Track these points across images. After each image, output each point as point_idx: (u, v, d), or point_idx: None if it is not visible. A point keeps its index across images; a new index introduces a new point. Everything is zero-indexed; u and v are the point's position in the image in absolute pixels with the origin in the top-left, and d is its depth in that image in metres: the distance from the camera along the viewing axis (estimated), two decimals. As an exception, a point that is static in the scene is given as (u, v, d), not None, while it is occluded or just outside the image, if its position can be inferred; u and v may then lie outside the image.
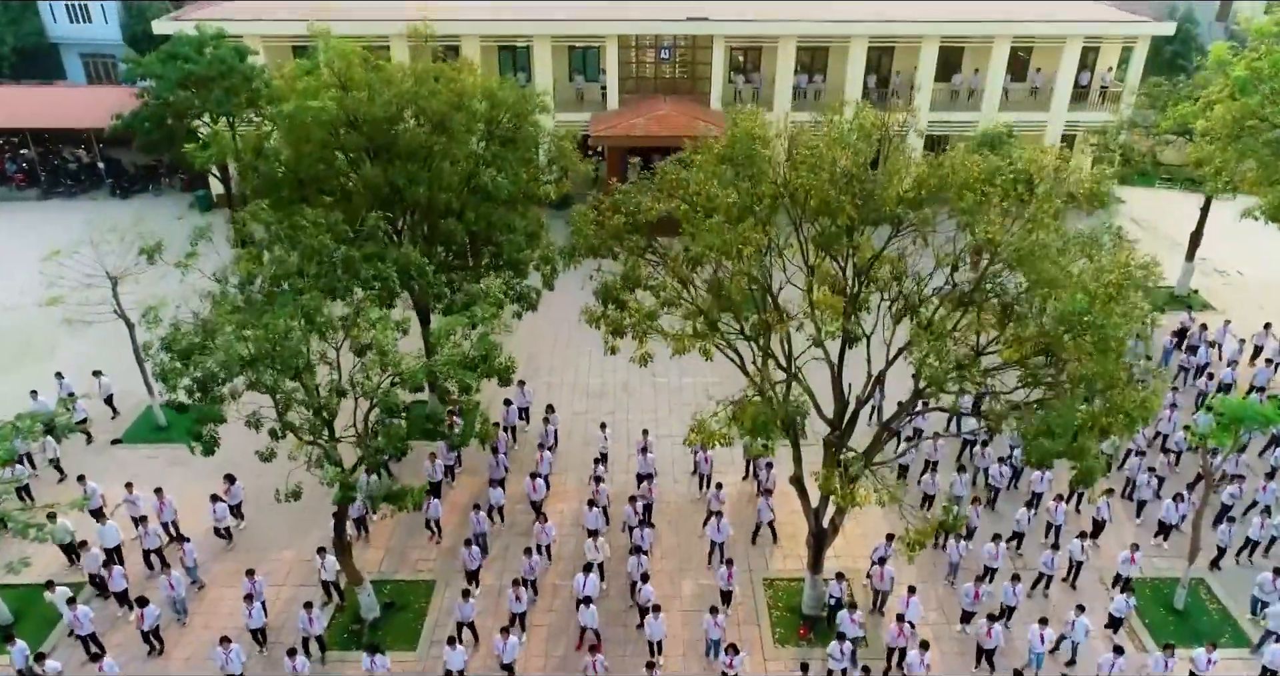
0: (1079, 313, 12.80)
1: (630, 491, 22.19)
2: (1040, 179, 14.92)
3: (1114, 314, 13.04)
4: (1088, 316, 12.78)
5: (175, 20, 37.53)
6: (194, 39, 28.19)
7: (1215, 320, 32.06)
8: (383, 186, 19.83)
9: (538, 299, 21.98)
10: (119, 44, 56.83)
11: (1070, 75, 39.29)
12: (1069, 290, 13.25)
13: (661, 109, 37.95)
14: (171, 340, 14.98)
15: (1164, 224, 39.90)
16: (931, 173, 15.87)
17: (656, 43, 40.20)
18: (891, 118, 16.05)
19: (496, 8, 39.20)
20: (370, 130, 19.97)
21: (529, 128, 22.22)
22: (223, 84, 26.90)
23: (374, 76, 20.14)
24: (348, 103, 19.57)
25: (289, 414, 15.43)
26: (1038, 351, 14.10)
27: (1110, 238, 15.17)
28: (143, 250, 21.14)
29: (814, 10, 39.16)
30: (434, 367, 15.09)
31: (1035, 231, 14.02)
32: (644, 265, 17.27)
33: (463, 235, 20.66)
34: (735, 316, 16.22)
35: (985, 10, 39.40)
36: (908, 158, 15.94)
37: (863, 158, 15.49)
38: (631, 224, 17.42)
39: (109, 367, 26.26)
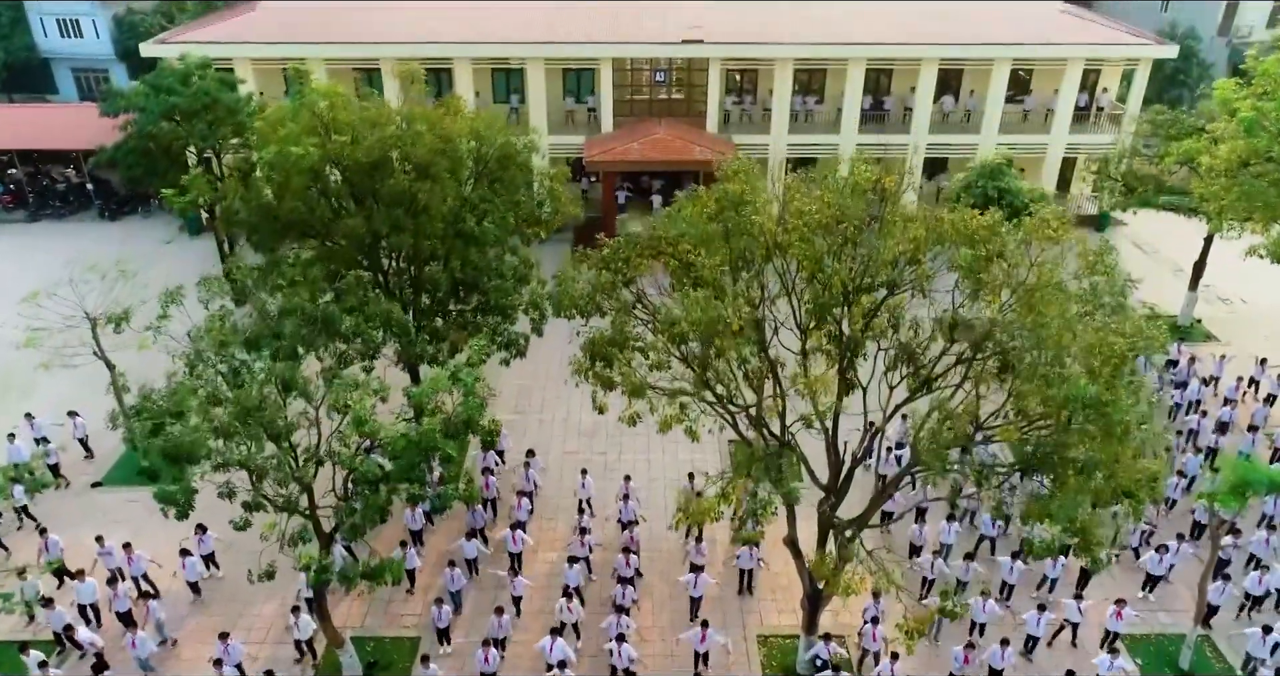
0: (1083, 399, 12.22)
1: (616, 540, 21.63)
2: (1041, 246, 14.31)
3: (1120, 395, 12.47)
4: (1094, 403, 12.20)
5: (163, 43, 37.08)
6: (179, 70, 27.63)
7: (1219, 352, 31.59)
8: (365, 235, 19.29)
9: (526, 345, 21.43)
10: (111, 58, 56.44)
11: (1072, 98, 38.76)
12: (1071, 372, 12.65)
13: (657, 132, 37.42)
14: (141, 408, 14.43)
15: (1166, 247, 39.43)
16: (930, 233, 15.31)
17: (652, 65, 39.66)
18: (889, 179, 15.45)
19: (490, 30, 38.70)
20: (353, 175, 19.44)
21: (517, 169, 21.67)
22: (206, 117, 26.35)
23: (358, 118, 19.58)
24: (330, 147, 19.02)
25: (263, 483, 14.87)
26: (1037, 422, 13.55)
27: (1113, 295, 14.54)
28: (111, 319, 20.67)
29: (812, 32, 38.65)
30: (413, 438, 14.53)
31: (1035, 309, 13.39)
32: (632, 323, 16.69)
33: (448, 282, 20.12)
34: (724, 394, 15.65)
35: (985, 32, 38.85)
36: (904, 218, 15.33)
37: (857, 220, 14.92)
38: (621, 279, 16.86)
39: (90, 406, 25.69)
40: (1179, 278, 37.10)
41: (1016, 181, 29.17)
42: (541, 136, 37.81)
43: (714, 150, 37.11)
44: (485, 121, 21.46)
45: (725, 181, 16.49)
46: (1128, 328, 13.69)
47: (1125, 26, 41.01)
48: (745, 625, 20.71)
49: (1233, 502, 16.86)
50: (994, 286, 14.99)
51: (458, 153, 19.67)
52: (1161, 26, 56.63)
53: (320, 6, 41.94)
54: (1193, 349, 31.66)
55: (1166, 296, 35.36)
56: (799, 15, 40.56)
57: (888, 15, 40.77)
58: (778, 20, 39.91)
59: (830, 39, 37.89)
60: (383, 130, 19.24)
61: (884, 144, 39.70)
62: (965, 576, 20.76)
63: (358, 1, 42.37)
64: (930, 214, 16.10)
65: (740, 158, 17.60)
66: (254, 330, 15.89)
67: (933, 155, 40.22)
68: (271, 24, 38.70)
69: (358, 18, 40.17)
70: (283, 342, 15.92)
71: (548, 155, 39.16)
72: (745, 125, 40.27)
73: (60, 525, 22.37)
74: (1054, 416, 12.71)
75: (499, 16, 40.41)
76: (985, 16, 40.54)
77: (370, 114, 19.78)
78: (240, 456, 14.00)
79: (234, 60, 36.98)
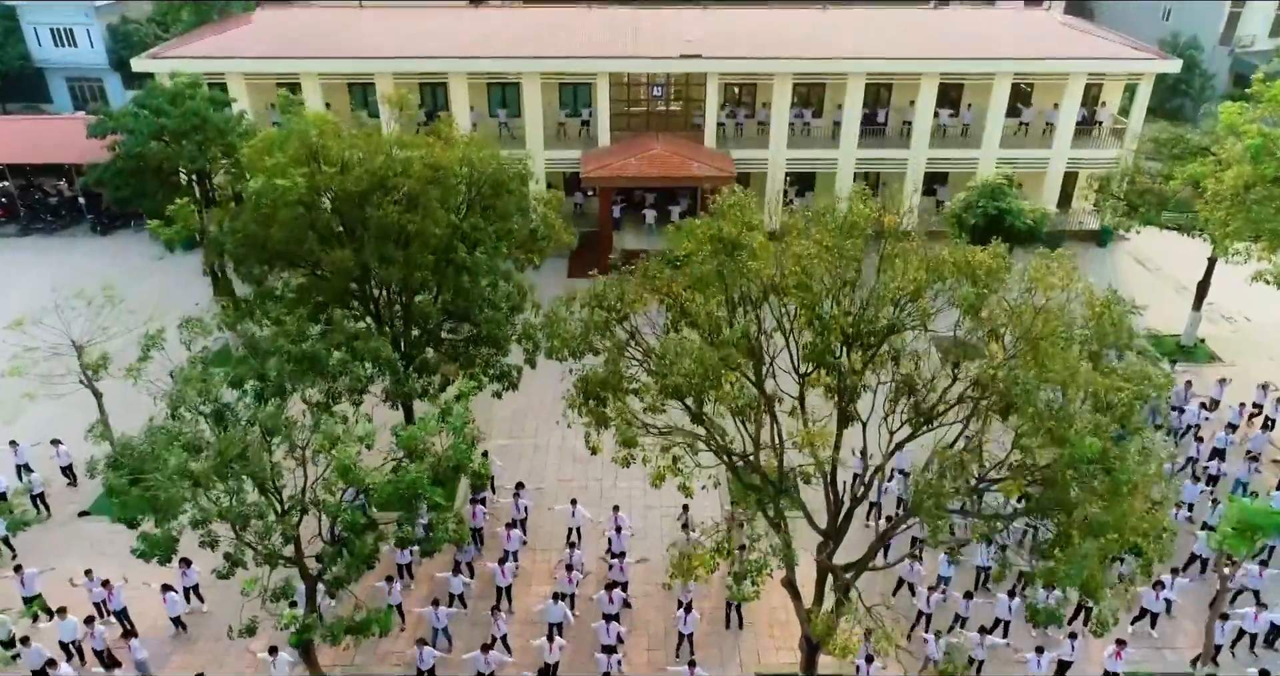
0: (1089, 459, 11.81)
1: (605, 573, 21.24)
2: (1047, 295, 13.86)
3: (1130, 454, 12.05)
4: (1100, 463, 11.80)
5: (155, 59, 36.66)
6: (169, 90, 27.22)
7: (1222, 373, 31.20)
8: (354, 267, 18.90)
9: (519, 377, 21.02)
10: (105, 68, 56.06)
11: (1073, 112, 38.32)
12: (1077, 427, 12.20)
13: (654, 148, 37.00)
14: (119, 457, 14.03)
15: (1169, 263, 38.98)
16: (930, 273, 14.91)
17: (650, 80, 39.23)
18: (889, 219, 15.03)
19: (486, 43, 38.29)
20: (342, 205, 19.05)
21: (510, 196, 21.27)
22: (196, 137, 25.93)
23: (348, 147, 19.17)
24: (318, 179, 18.62)
25: (246, 532, 14.47)
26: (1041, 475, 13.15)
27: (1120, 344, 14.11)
28: (89, 365, 20.27)
29: (811, 45, 38.22)
30: (400, 487, 14.13)
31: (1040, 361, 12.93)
32: (625, 363, 16.26)
33: (438, 313, 19.73)
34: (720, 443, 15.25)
35: (985, 45, 38.44)
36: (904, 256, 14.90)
37: (856, 262, 14.52)
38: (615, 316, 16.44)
39: (79, 432, 25.29)
40: (1182, 295, 36.69)
41: (1018, 201, 28.78)
42: (537, 155, 37.82)
43: (712, 166, 36.81)
44: (477, 147, 21.05)
45: (720, 217, 16.10)
46: (1133, 374, 13.25)
47: (1127, 39, 40.56)
48: (742, 663, 20.30)
49: (1240, 546, 16.45)
50: (995, 327, 14.61)
51: (448, 182, 19.25)
52: (1163, 36, 56.29)
53: (315, 19, 41.57)
54: (1195, 369, 31.33)
55: (1169, 314, 34.94)
56: (798, 28, 40.13)
57: (887, 28, 40.36)
58: (776, 33, 39.48)
59: (829, 53, 37.46)
60: (371, 160, 18.82)
61: (883, 158, 39.51)
62: (965, 612, 20.36)
63: (353, 13, 41.94)
64: (930, 253, 15.71)
65: (737, 190, 17.23)
66: (237, 371, 15.48)
67: (933, 170, 39.79)
68: (265, 38, 38.27)
69: (353, 30, 39.77)
70: (268, 383, 15.51)
71: (544, 169, 38.93)
72: (743, 139, 39.85)
73: (45, 556, 21.95)
74: (1060, 476, 12.29)
75: (495, 29, 40.01)
76: (986, 29, 40.14)
77: (359, 142, 19.35)
78: (220, 509, 13.60)
79: (226, 75, 36.62)
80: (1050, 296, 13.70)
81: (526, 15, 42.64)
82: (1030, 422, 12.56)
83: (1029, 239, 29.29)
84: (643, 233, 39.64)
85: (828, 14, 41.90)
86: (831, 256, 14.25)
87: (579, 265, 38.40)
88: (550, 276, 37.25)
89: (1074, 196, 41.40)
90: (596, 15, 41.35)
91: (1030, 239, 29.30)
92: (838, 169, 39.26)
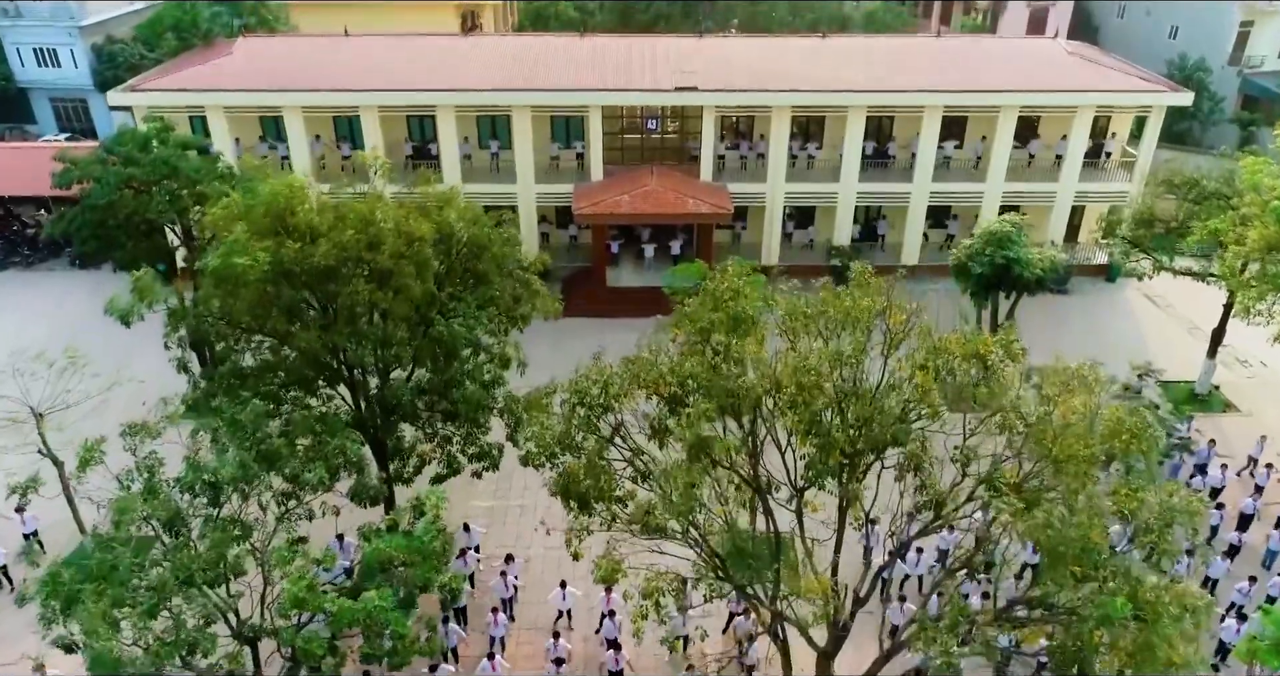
0: (1119, 618, 10.63)
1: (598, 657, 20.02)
2: (1068, 420, 12.61)
3: (1165, 613, 10.83)
4: (1130, 623, 10.62)
5: (133, 91, 35.46)
6: (140, 135, 25.97)
7: (1238, 425, 30.05)
8: (323, 351, 17.69)
9: (500, 455, 19.81)
10: (89, 88, 54.87)
11: (1081, 145, 37.13)
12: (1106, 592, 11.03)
13: (648, 184, 35.79)
14: (49, 581, 12.82)
15: (1180, 300, 37.72)
16: (940, 370, 13.71)
17: (644, 112, 37.98)
18: (895, 318, 13.83)
19: (475, 73, 37.06)
20: (310, 280, 17.84)
21: (492, 262, 20.07)
22: (166, 187, 24.71)
23: (316, 218, 17.91)
24: (284, 252, 17.38)
25: (194, 658, 13.27)
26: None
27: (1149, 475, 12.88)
28: (14, 487, 19.18)
29: (811, 76, 36.94)
30: (358, 616, 12.92)
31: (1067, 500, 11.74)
32: (609, 460, 15.03)
33: (413, 393, 18.51)
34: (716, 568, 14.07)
35: (991, 76, 37.17)
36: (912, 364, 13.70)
37: (860, 368, 13.32)
38: (597, 413, 15.21)
39: (39, 498, 24.08)
40: (1195, 336, 35.49)
41: (1026, 250, 27.52)
42: (527, 189, 36.62)
43: (708, 202, 35.59)
44: (458, 211, 19.83)
45: (714, 305, 14.91)
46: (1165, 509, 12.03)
47: (1136, 69, 39.31)
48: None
49: (1274, 661, 15.23)
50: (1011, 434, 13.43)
51: (423, 255, 18.03)
52: (1170, 56, 55.10)
53: (298, 49, 40.30)
54: (1211, 419, 30.14)
55: (1181, 357, 33.71)
56: (797, 58, 38.84)
57: (889, 58, 39.11)
58: (774, 63, 38.21)
59: (829, 84, 36.23)
60: (340, 233, 17.59)
61: (885, 192, 38.28)
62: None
63: (338, 42, 40.70)
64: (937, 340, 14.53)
65: (731, 271, 16.04)
66: (189, 479, 14.29)
67: (937, 204, 38.58)
68: (247, 68, 37.02)
69: (338, 60, 38.52)
70: (221, 489, 14.32)
71: (536, 203, 37.74)
72: (741, 172, 38.64)
73: (7, 636, 20.72)
74: (1087, 638, 11.10)
75: (485, 59, 38.75)
76: (990, 59, 38.90)
77: (329, 212, 18.08)
78: (158, 646, 12.38)
79: (206, 108, 35.45)
80: (1070, 420, 12.45)
81: (518, 44, 41.39)
82: (1054, 569, 11.37)
83: (1038, 288, 28.07)
84: (642, 268, 38.39)
85: (827, 43, 40.64)
86: (831, 364, 13.02)
87: (573, 302, 37.16)
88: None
89: (1081, 228, 40.20)
90: (589, 44, 40.10)
91: (1039, 288, 28.08)
92: (838, 203, 38.08)
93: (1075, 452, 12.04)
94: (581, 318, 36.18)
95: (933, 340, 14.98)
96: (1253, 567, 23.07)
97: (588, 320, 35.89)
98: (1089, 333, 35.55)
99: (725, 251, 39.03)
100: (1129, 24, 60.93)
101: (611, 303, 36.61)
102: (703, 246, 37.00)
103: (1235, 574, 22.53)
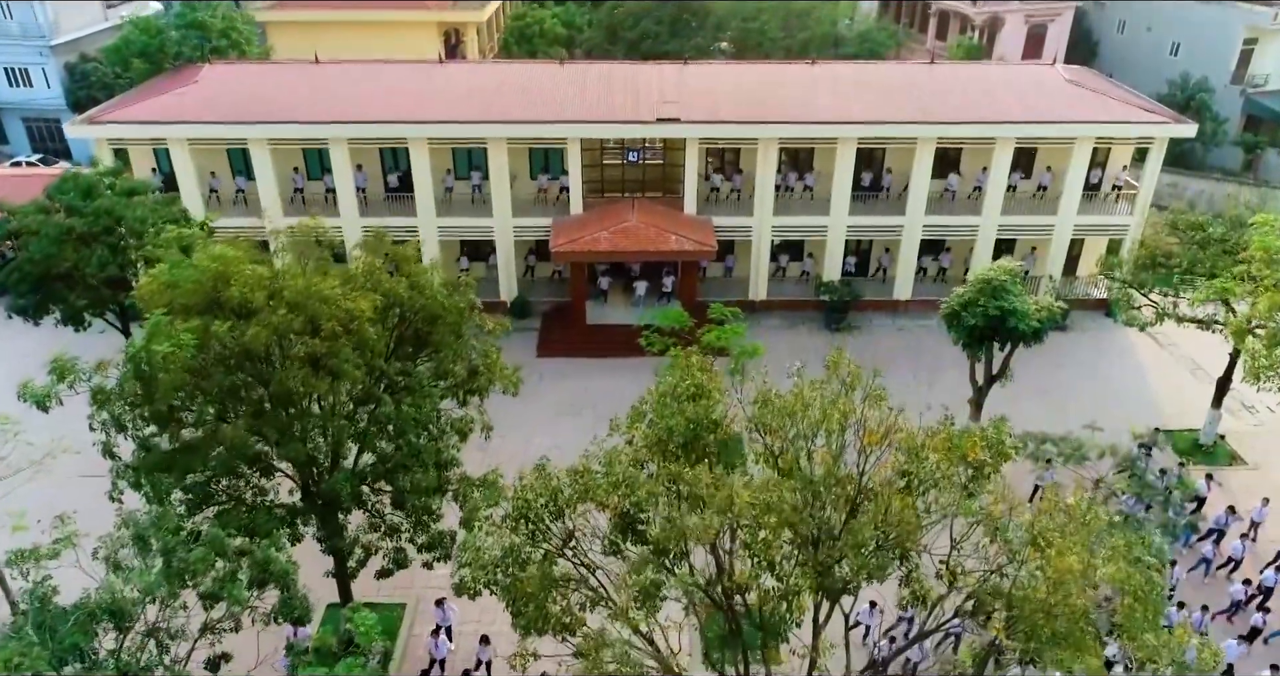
0: None
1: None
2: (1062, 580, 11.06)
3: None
4: None
5: (92, 123, 34.01)
6: (83, 182, 24.52)
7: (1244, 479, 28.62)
8: (249, 446, 16.25)
9: (453, 543, 18.35)
10: (62, 108, 53.51)
11: (1080, 178, 35.68)
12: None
13: (628, 219, 34.35)
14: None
15: (1184, 338, 36.14)
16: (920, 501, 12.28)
17: (624, 145, 36.52)
18: (870, 437, 12.39)
19: (451, 104, 35.61)
20: (240, 364, 16.40)
21: (448, 331, 18.63)
22: (107, 240, 23.26)
23: (252, 295, 16.43)
24: (213, 332, 15.94)
25: None
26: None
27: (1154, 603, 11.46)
28: None
29: (799, 106, 35.52)
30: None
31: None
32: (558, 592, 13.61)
33: (353, 486, 17.06)
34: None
35: (987, 107, 35.71)
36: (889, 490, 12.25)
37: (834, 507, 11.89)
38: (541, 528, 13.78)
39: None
40: (1198, 377, 34.09)
41: (1023, 300, 26.03)
42: (505, 223, 35.18)
43: (691, 238, 34.16)
44: (411, 280, 18.40)
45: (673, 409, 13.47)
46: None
47: (1138, 97, 37.84)
48: None
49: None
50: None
51: (364, 335, 16.59)
52: (1172, 75, 53.59)
53: (266, 78, 38.79)
54: (1217, 473, 28.67)
55: (1184, 401, 32.35)
56: (785, 86, 37.37)
57: (880, 86, 37.59)
58: (762, 92, 36.75)
59: (818, 115, 34.80)
60: (274, 312, 16.14)
61: (877, 225, 36.87)
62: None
63: (308, 70, 39.21)
64: (916, 456, 13.09)
65: (694, 362, 14.61)
66: (95, 599, 12.88)
67: (930, 237, 37.15)
68: (212, 98, 35.52)
69: (308, 89, 37.06)
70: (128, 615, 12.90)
71: (514, 238, 36.31)
72: (727, 204, 37.18)
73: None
74: None
75: (461, 88, 37.29)
76: (986, 88, 37.36)
77: (262, 291, 16.58)
78: None
79: (169, 141, 34.01)
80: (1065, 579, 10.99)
81: (495, 72, 39.89)
82: None
83: (1035, 340, 26.60)
84: (632, 304, 36.94)
85: (817, 70, 39.13)
86: (794, 508, 11.59)
87: (551, 341, 35.82)
88: (519, 353, 34.64)
89: (1080, 261, 38.76)
90: (569, 72, 38.62)
91: (1036, 340, 26.61)
92: (828, 236, 36.64)
93: (1070, 633, 10.61)
94: (560, 357, 34.82)
95: (912, 437, 13.60)
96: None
97: (566, 361, 34.51)
98: (1087, 375, 34.12)
99: (714, 285, 37.69)
100: (1129, 40, 59.42)
101: (592, 341, 35.25)
102: (685, 284, 35.58)
103: (1254, 656, 21.17)
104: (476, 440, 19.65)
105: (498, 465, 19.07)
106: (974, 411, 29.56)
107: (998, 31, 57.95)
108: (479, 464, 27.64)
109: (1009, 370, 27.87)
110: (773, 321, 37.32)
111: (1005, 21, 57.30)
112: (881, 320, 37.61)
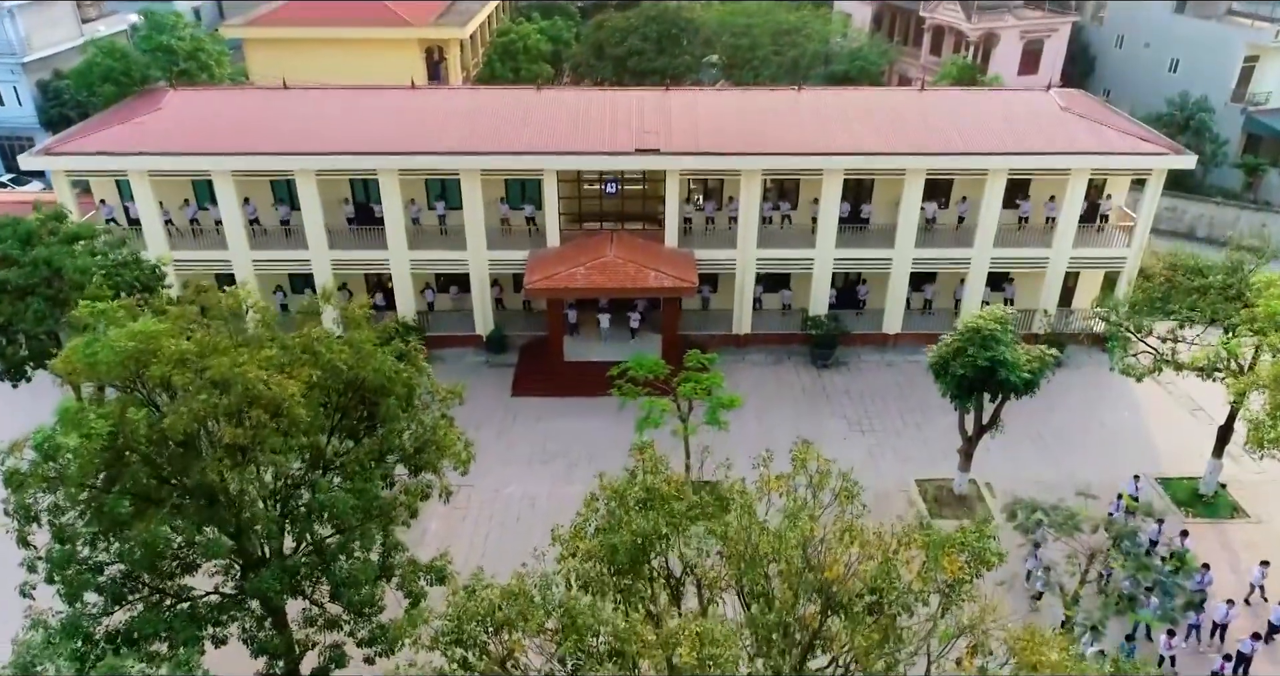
0: None
1: None
2: None
3: None
4: None
5: (48, 155, 32.72)
6: (24, 227, 23.23)
7: (1246, 533, 27.37)
8: (168, 543, 14.98)
9: (397, 641, 17.04)
10: (35, 127, 52.30)
11: (1076, 210, 34.39)
12: None
13: (606, 253, 33.07)
14: None
15: (1184, 380, 34.84)
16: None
17: (602, 177, 35.21)
18: (833, 567, 11.11)
19: (424, 133, 34.31)
20: (156, 455, 15.13)
21: (396, 402, 17.36)
22: (45, 292, 22.01)
23: (176, 373, 15.14)
24: (128, 420, 14.67)
25: None
26: None
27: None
28: None
29: (784, 138, 34.19)
30: None
31: None
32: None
33: (282, 586, 15.75)
34: None
35: (979, 136, 34.41)
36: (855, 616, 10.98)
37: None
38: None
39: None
40: (1198, 418, 32.84)
41: (1014, 350, 24.77)
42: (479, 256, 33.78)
43: (671, 274, 32.87)
44: (355, 348, 17.11)
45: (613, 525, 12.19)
46: None
47: (1136, 126, 36.53)
48: None
49: None
50: None
51: (295, 417, 15.30)
52: (1171, 93, 52.22)
53: (231, 106, 37.33)
54: (1217, 527, 27.44)
55: (1183, 445, 31.07)
56: (770, 114, 36.03)
57: (869, 114, 36.25)
58: (746, 120, 35.45)
59: (803, 148, 33.50)
60: (194, 397, 14.85)
61: (864, 257, 35.61)
62: None
63: (275, 97, 37.93)
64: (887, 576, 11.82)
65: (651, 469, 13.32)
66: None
67: (920, 270, 35.88)
68: (175, 127, 34.18)
69: (274, 117, 35.80)
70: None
71: (488, 271, 35.02)
72: (710, 236, 35.90)
73: None
74: None
75: (434, 116, 35.97)
76: (978, 116, 36.01)
77: (187, 371, 15.28)
78: None
79: (129, 173, 32.71)
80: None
81: (470, 99, 38.62)
82: None
83: (1026, 391, 25.34)
84: (598, 339, 35.72)
85: (803, 96, 37.81)
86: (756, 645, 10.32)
87: (526, 380, 34.52)
88: (493, 394, 33.41)
89: (1075, 294, 37.48)
90: (546, 99, 37.29)
91: (1028, 391, 25.35)
92: (814, 269, 35.37)
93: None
94: (535, 397, 33.56)
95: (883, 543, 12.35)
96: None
97: (541, 401, 33.25)
98: (1083, 418, 32.88)
99: (694, 318, 36.41)
100: (1127, 56, 58.12)
101: (567, 379, 33.93)
102: (666, 320, 34.28)
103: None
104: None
105: (448, 549, 17.81)
106: (963, 461, 28.34)
107: (993, 47, 56.63)
108: (445, 516, 26.75)
109: (1000, 421, 26.65)
110: (757, 357, 36.08)
111: (1001, 37, 55.98)
112: (870, 355, 36.30)
